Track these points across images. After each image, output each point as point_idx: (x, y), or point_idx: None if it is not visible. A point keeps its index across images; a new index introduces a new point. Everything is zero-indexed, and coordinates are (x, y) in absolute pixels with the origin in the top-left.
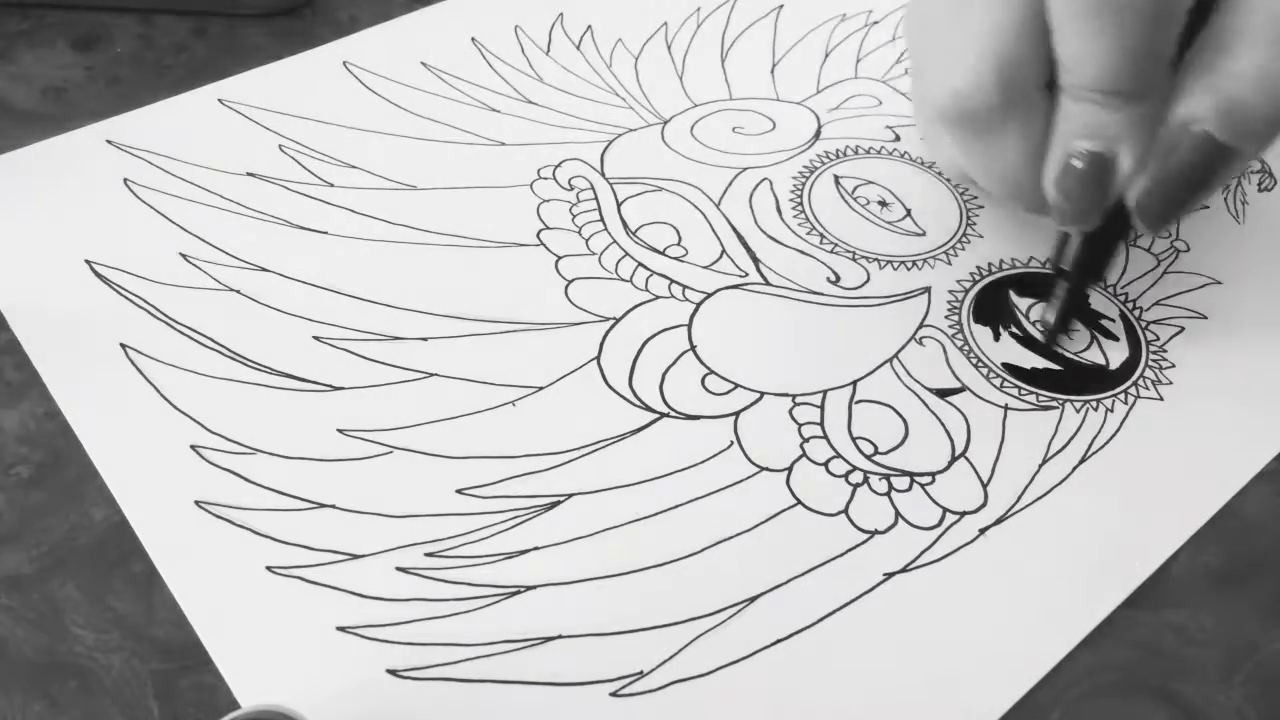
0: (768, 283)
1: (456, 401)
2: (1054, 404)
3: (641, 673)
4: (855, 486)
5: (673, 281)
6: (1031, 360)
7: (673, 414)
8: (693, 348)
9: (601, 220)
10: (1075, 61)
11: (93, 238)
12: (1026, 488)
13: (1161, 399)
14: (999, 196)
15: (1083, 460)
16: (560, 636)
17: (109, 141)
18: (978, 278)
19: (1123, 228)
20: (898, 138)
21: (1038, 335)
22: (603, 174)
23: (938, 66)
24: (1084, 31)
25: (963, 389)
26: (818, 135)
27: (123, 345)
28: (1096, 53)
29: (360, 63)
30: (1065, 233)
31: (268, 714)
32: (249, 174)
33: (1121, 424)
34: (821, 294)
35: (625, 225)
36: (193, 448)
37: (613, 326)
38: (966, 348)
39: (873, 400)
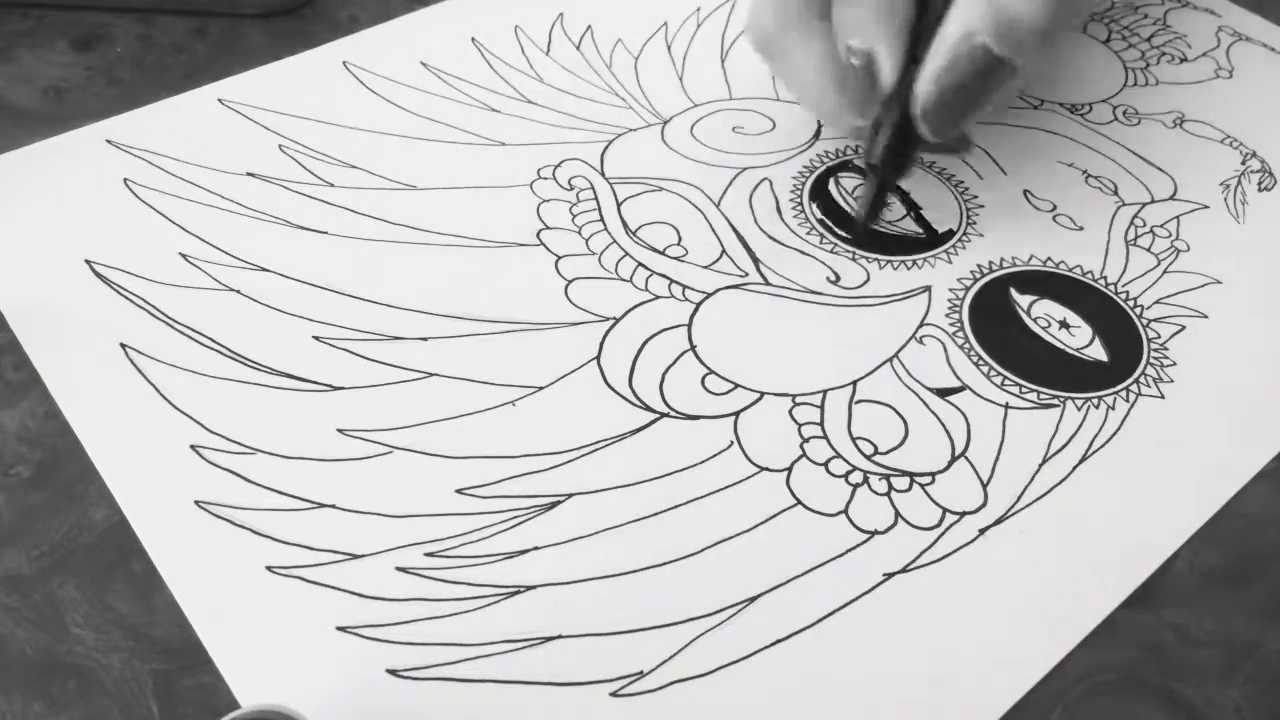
0: (768, 283)
1: (456, 401)
2: (1055, 402)
3: (641, 673)
4: (855, 486)
5: (673, 281)
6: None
7: (673, 414)
8: (693, 348)
9: (601, 220)
10: None
11: (93, 238)
12: (1026, 488)
13: (1163, 397)
14: (806, 107)
15: (1083, 459)
16: (560, 636)
17: (109, 141)
18: (978, 276)
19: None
20: None
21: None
22: (603, 174)
23: (749, 6)
24: None
25: (963, 388)
26: (817, 135)
27: (123, 345)
28: None
29: (360, 63)
30: (874, 129)
31: (268, 714)
32: (249, 174)
33: (1123, 422)
34: (821, 294)
35: (625, 225)
36: (193, 448)
37: (613, 326)
38: (967, 346)
39: (873, 400)
